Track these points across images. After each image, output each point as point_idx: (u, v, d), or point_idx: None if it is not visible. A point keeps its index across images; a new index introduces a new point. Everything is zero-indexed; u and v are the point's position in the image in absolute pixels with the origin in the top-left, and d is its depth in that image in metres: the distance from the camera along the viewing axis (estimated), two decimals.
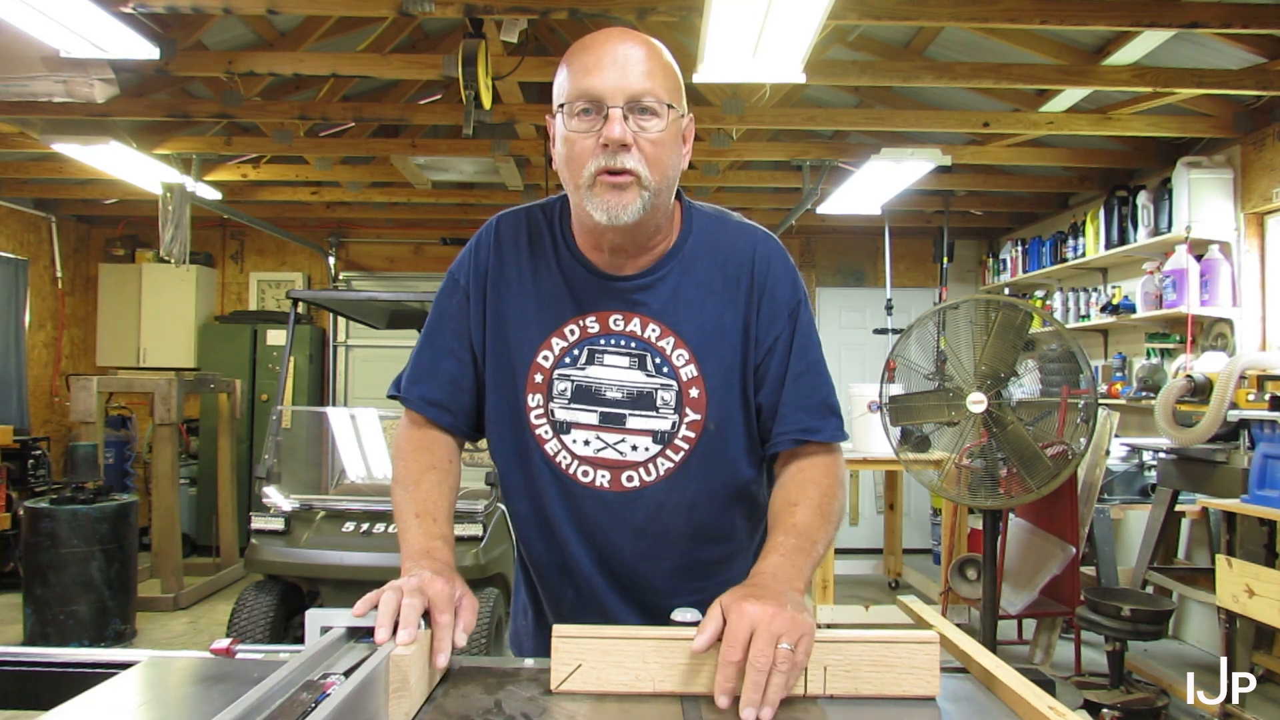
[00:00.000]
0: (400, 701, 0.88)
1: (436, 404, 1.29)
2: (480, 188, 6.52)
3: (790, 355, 1.25)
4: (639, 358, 1.23)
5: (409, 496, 1.23)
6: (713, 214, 1.30)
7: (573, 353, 1.24)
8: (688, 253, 1.25)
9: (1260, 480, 3.30)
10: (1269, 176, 4.36)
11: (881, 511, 6.65)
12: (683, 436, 1.23)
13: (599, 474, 1.24)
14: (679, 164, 1.20)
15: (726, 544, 1.31)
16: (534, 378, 1.24)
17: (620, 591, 1.28)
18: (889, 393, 3.84)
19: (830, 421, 1.26)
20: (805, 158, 5.35)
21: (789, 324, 1.26)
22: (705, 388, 1.23)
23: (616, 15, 3.48)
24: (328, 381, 7.58)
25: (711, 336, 1.23)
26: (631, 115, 1.12)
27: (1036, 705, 0.90)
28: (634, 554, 1.26)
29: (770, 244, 1.29)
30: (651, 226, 1.20)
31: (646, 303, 1.23)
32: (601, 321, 1.23)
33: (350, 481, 4.84)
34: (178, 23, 4.08)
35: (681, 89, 1.20)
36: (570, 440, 1.24)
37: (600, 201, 1.13)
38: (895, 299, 6.69)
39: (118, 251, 7.47)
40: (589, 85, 1.12)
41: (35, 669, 1.06)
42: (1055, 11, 3.41)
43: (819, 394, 1.26)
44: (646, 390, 1.23)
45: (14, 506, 5.43)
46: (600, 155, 1.12)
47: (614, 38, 1.15)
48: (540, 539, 1.30)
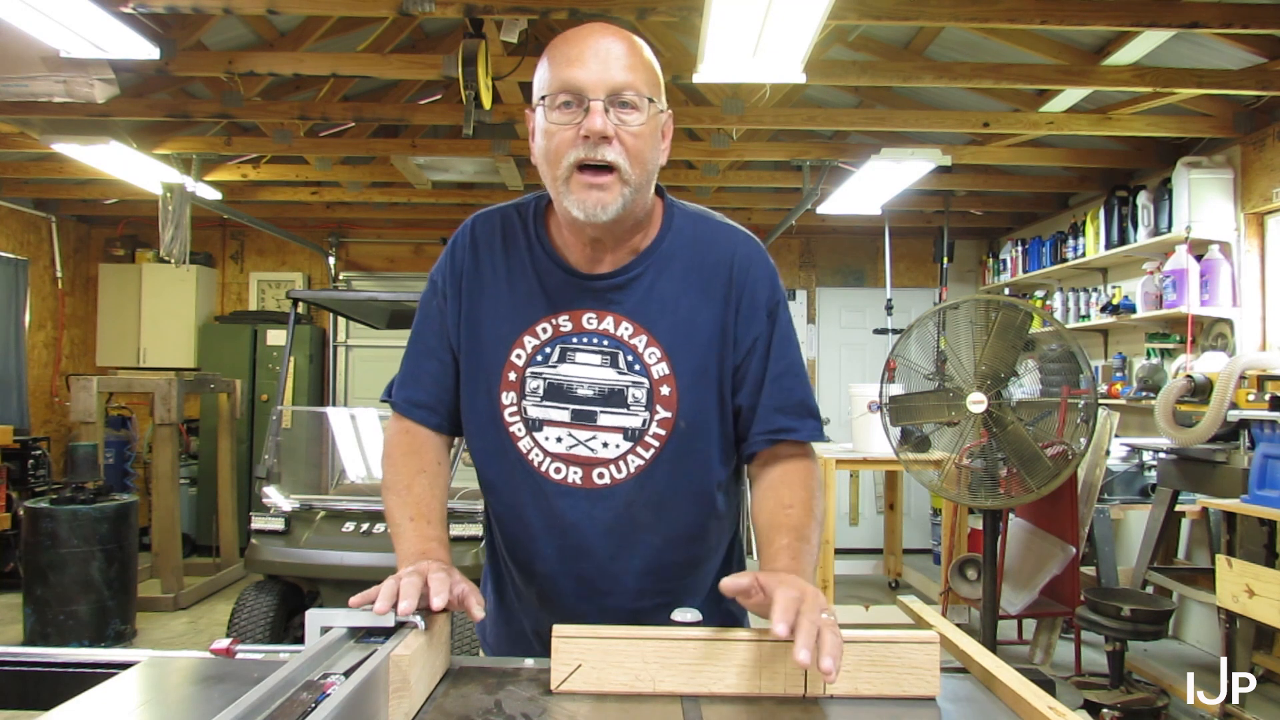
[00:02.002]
0: (400, 701, 0.88)
1: (423, 405, 1.31)
2: (480, 188, 6.52)
3: (769, 356, 1.26)
4: (610, 355, 1.24)
5: (401, 501, 1.24)
6: (694, 213, 1.31)
7: (545, 350, 1.24)
8: (665, 250, 1.26)
9: (1260, 480, 3.30)
10: (1269, 176, 4.36)
11: (881, 511, 6.65)
12: (653, 434, 1.24)
13: (571, 470, 1.25)
14: (658, 159, 1.20)
15: (696, 546, 1.31)
16: (508, 376, 1.25)
17: (587, 593, 1.28)
18: (889, 393, 3.84)
19: (808, 422, 1.27)
20: (805, 158, 5.35)
21: (768, 325, 1.26)
22: (676, 386, 1.23)
23: (616, 15, 3.47)
24: (328, 381, 7.58)
25: (684, 335, 1.24)
26: (613, 108, 1.12)
27: (1036, 705, 0.90)
28: (604, 553, 1.26)
29: (751, 245, 1.29)
30: (630, 221, 1.21)
31: (620, 301, 1.24)
32: (574, 320, 1.24)
33: (350, 481, 4.84)
34: (178, 23, 4.08)
35: (661, 84, 1.20)
36: (543, 437, 1.25)
37: (577, 199, 1.14)
38: (895, 299, 6.70)
39: (118, 251, 7.47)
40: (570, 77, 1.12)
41: (35, 669, 1.06)
42: (1055, 11, 3.41)
43: (797, 395, 1.27)
44: (618, 388, 1.23)
45: (14, 506, 5.44)
46: (580, 146, 1.12)
47: (596, 32, 1.15)
48: (512, 535, 1.31)
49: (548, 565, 1.28)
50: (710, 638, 0.99)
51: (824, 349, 7.75)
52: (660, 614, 1.29)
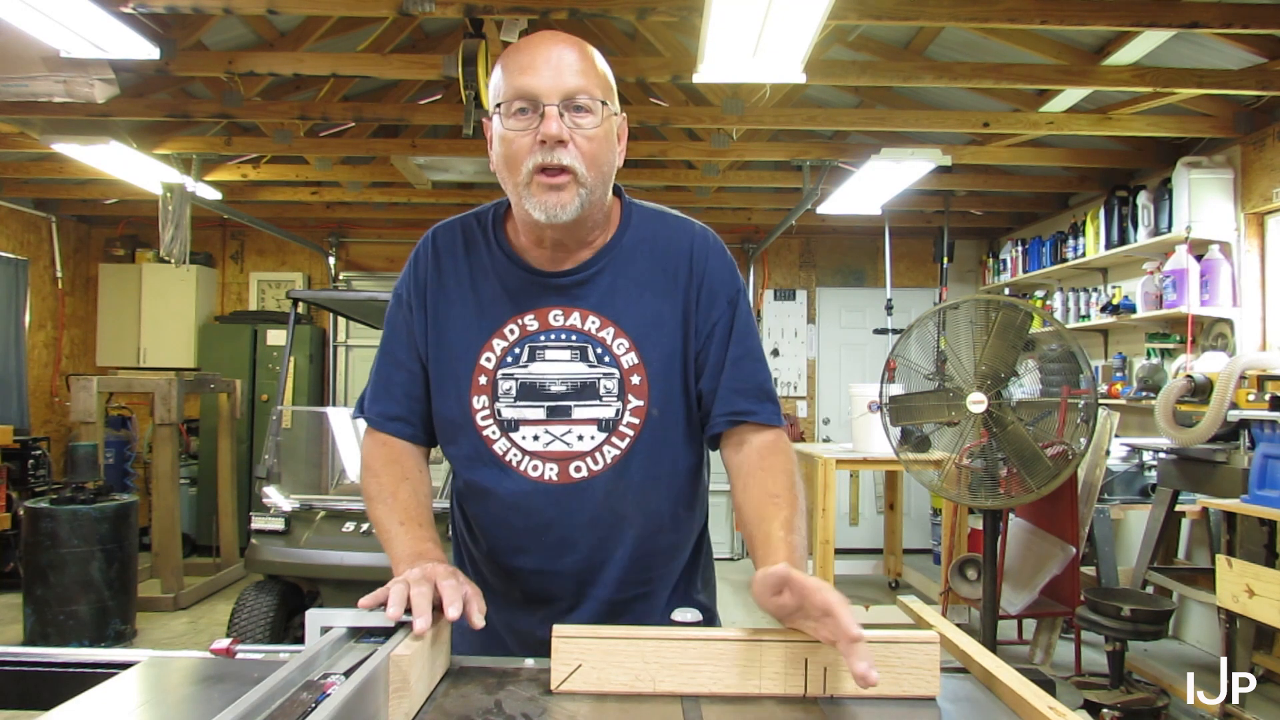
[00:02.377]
0: (400, 701, 0.88)
1: (396, 419, 1.32)
2: (480, 188, 6.52)
3: (729, 341, 1.28)
4: (580, 349, 1.26)
5: (389, 508, 1.24)
6: (651, 211, 1.34)
7: (514, 351, 1.26)
8: (625, 246, 1.29)
9: (1260, 480, 3.30)
10: (1269, 176, 4.36)
11: (881, 511, 6.65)
12: (627, 423, 1.26)
13: (547, 467, 1.26)
14: (614, 161, 1.23)
15: (672, 534, 1.34)
16: (478, 380, 1.27)
17: (573, 587, 1.29)
18: (889, 393, 3.84)
19: (766, 406, 1.28)
20: (805, 158, 5.35)
21: (728, 310, 1.29)
22: (647, 374, 1.26)
23: (616, 15, 3.48)
24: (328, 381, 7.58)
25: (649, 326, 1.26)
26: (567, 113, 1.15)
27: (1036, 705, 0.90)
28: (588, 546, 1.27)
29: (707, 237, 1.33)
30: (590, 222, 1.24)
31: (584, 296, 1.26)
32: (540, 319, 1.26)
33: (350, 481, 4.84)
34: (178, 23, 4.08)
35: (614, 89, 1.24)
36: (519, 437, 1.26)
37: (538, 201, 1.16)
38: (895, 299, 6.70)
39: (118, 251, 7.48)
40: (524, 84, 1.15)
41: (35, 669, 1.06)
42: (1055, 11, 3.42)
43: (756, 379, 1.29)
44: (589, 380, 1.25)
45: (14, 506, 5.44)
46: (538, 152, 1.15)
47: (547, 40, 1.18)
48: (493, 537, 1.31)
49: (532, 563, 1.29)
50: (710, 638, 0.99)
51: (824, 349, 7.75)
52: (639, 605, 1.31)
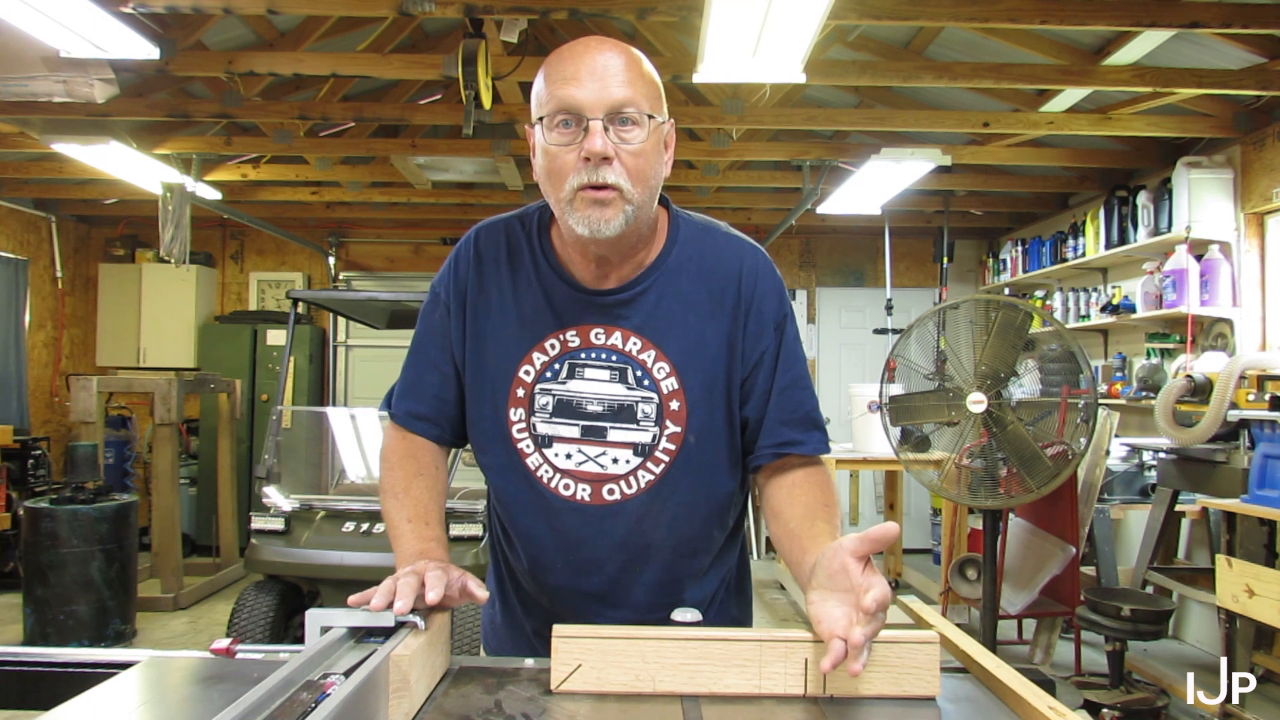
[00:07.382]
0: (400, 701, 0.88)
1: (423, 418, 1.31)
2: (480, 188, 6.52)
3: (776, 369, 1.25)
4: (620, 371, 1.23)
5: (400, 503, 1.24)
6: (700, 225, 1.30)
7: (554, 367, 1.24)
8: (672, 265, 1.25)
9: (1260, 480, 3.30)
10: (1269, 176, 4.35)
11: (881, 511, 6.66)
12: (663, 449, 1.23)
13: (580, 487, 1.24)
14: (661, 173, 1.19)
15: (705, 556, 1.31)
16: (515, 392, 1.25)
17: (597, 606, 1.27)
18: (889, 393, 3.84)
19: (814, 435, 1.26)
20: (805, 158, 5.35)
21: (775, 338, 1.26)
22: (686, 400, 1.23)
23: (616, 15, 3.48)
24: (328, 381, 7.58)
25: (693, 350, 1.23)
26: (612, 126, 1.11)
27: (1036, 705, 0.90)
28: (615, 567, 1.26)
29: (758, 257, 1.28)
30: (635, 237, 1.20)
31: (628, 316, 1.23)
32: (582, 335, 1.23)
33: (350, 481, 4.84)
34: (178, 23, 4.08)
35: (662, 96, 1.19)
36: (552, 454, 1.24)
37: (582, 216, 1.12)
38: (895, 299, 6.70)
39: (118, 251, 7.47)
40: (567, 96, 1.10)
41: (35, 669, 1.06)
42: (1055, 11, 3.41)
43: (803, 408, 1.26)
44: (627, 403, 1.23)
45: (14, 506, 5.43)
46: (582, 170, 1.11)
47: (592, 47, 1.13)
48: (523, 547, 1.30)
49: (558, 578, 1.28)
50: (710, 638, 0.99)
51: (824, 349, 7.75)
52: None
